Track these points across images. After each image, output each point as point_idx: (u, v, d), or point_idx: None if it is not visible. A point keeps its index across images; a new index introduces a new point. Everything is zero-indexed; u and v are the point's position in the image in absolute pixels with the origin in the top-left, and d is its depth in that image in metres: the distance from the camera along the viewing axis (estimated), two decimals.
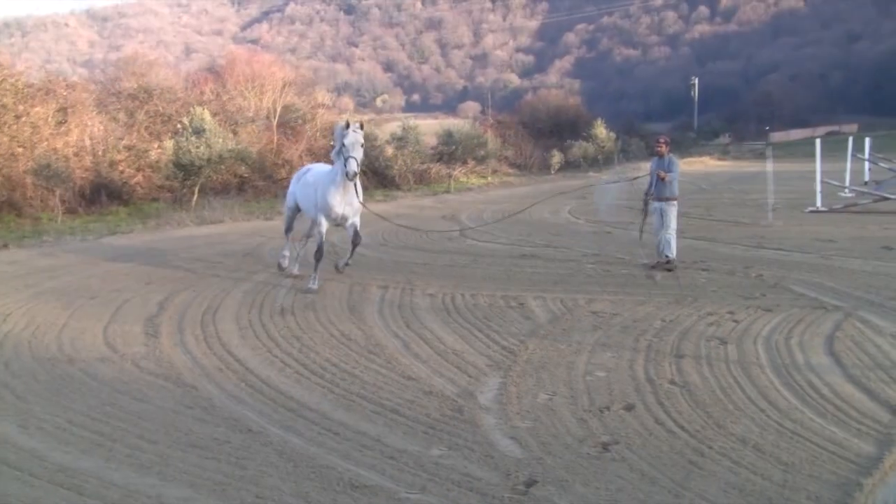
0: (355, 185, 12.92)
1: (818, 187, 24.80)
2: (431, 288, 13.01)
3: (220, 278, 14.40)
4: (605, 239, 18.89)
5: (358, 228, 13.54)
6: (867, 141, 34.97)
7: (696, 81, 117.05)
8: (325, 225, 13.19)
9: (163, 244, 19.52)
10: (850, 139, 33.08)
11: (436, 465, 6.06)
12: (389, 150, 39.76)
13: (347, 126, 12.62)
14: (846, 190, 28.37)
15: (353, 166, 12.33)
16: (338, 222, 13.35)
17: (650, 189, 15.02)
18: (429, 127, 49.30)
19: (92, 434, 6.83)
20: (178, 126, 29.27)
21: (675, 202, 14.76)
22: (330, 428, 6.89)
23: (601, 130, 58.53)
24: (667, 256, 14.55)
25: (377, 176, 37.61)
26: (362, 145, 12.70)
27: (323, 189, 13.04)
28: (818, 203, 24.63)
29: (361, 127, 12.87)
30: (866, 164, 33.82)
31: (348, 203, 13.03)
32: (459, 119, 68.80)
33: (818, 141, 26.77)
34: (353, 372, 8.53)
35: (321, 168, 14.12)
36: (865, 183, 31.32)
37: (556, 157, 52.68)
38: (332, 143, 13.39)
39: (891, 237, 18.08)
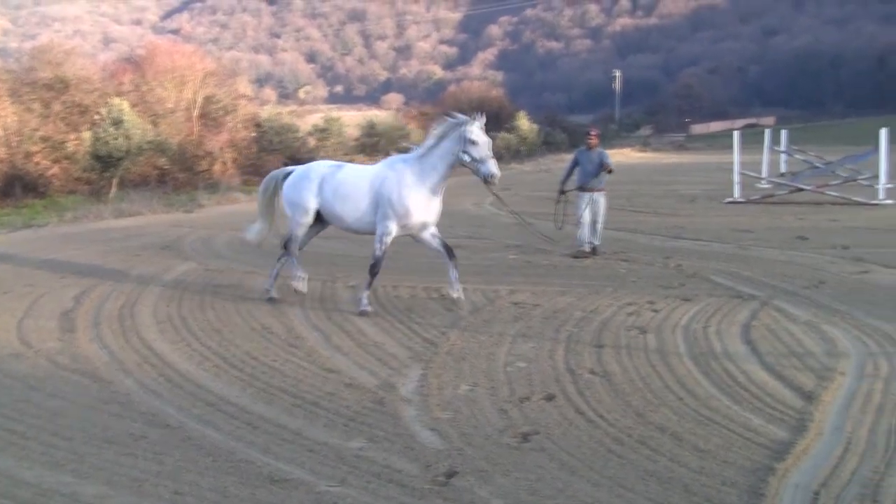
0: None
1: (736, 178, 25.22)
2: (353, 280, 12.95)
3: (139, 272, 14.19)
4: (528, 230, 18.94)
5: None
6: (784, 133, 35.63)
7: (618, 74, 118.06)
8: (392, 235, 11.05)
9: (80, 237, 19.18)
10: (768, 132, 33.68)
11: (356, 458, 6.03)
12: (312, 142, 39.57)
13: (465, 123, 10.69)
14: (763, 181, 28.87)
15: (495, 168, 10.50)
16: (409, 231, 11.19)
17: (566, 179, 15.25)
18: (352, 118, 49.22)
19: (4, 432, 6.67)
20: (96, 117, 28.71)
21: (604, 192, 15.03)
22: (249, 422, 6.83)
23: (524, 122, 58.83)
24: (592, 244, 14.79)
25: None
26: None
27: (403, 192, 10.78)
28: (736, 194, 25.04)
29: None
30: (783, 156, 34.49)
31: (433, 209, 11.08)
32: (383, 110, 68.72)
33: (736, 133, 27.22)
34: (273, 365, 8.46)
35: (358, 167, 12.03)
36: (782, 174, 31.94)
37: None
38: (430, 139, 10.99)
39: (806, 227, 18.46)
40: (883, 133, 24.25)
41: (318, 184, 11.32)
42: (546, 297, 11.41)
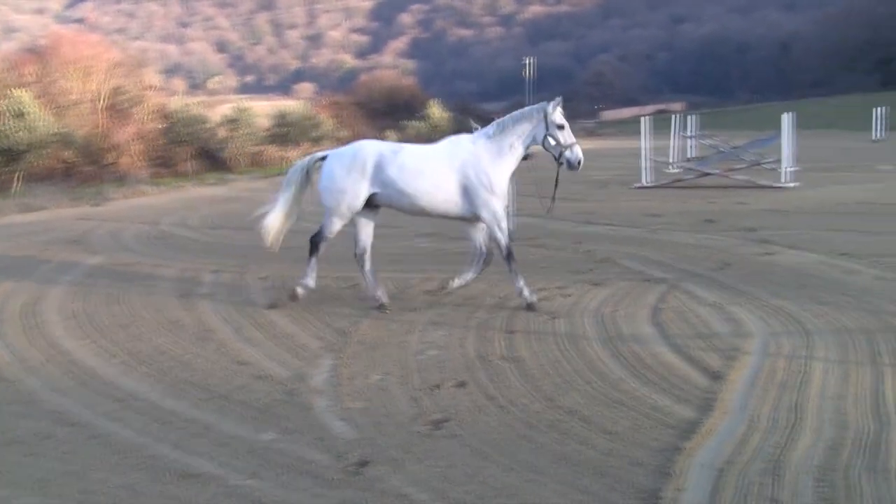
0: None
1: (644, 164, 25.55)
2: (265, 271, 12.87)
3: (45, 267, 13.93)
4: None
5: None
6: (691, 119, 36.21)
7: (530, 61, 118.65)
8: (504, 216, 10.40)
9: None
10: (676, 117, 34.21)
11: (267, 450, 5.99)
12: (222, 133, 39.14)
13: (549, 106, 10.30)
14: (672, 166, 29.30)
15: (581, 153, 10.30)
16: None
17: None
18: (263, 108, 48.76)
19: None
20: None
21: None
22: (159, 417, 6.74)
23: (436, 110, 58.96)
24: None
25: (209, 159, 37.02)
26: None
27: (494, 171, 10.27)
28: (645, 179, 25.37)
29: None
30: (691, 141, 35.05)
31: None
32: (295, 100, 68.16)
33: (644, 119, 27.56)
34: (183, 359, 8.37)
35: (416, 146, 11.21)
36: (690, 159, 32.42)
37: (392, 137, 52.81)
38: (506, 118, 10.51)
39: (713, 211, 18.78)
40: (785, 118, 24.77)
41: (373, 165, 10.30)
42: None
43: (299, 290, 10.66)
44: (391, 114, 61.16)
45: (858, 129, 56.40)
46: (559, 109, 10.32)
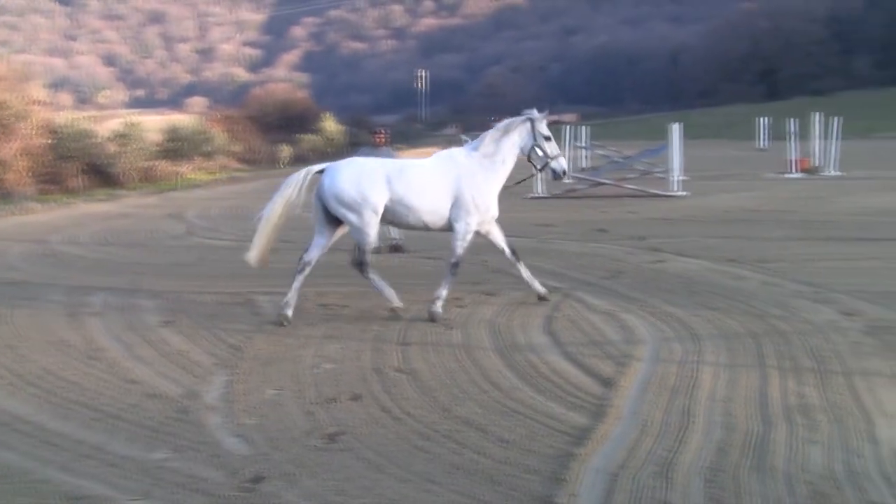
0: None
1: (538, 174, 25.77)
2: (157, 287, 12.64)
3: None
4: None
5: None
6: (584, 129, 36.72)
7: (423, 74, 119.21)
8: (473, 231, 10.64)
9: None
10: (568, 128, 34.67)
11: (159, 469, 5.87)
12: (112, 148, 38.41)
13: (535, 119, 10.65)
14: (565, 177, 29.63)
15: (565, 163, 10.83)
16: (481, 227, 10.84)
17: None
18: (154, 123, 48.01)
19: None
20: None
21: None
22: (47, 439, 6.55)
23: (330, 123, 58.95)
24: (396, 240, 15.05)
25: (99, 174, 36.26)
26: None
27: (483, 186, 10.49)
28: (539, 189, 25.63)
29: None
30: (584, 152, 35.56)
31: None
32: (186, 114, 67.32)
33: None
34: (72, 379, 8.15)
35: (410, 160, 11.46)
36: (583, 169, 32.90)
37: (286, 151, 52.64)
38: (494, 132, 10.70)
39: (605, 220, 19.09)
40: (675, 128, 25.32)
41: (384, 177, 10.16)
42: (354, 298, 11.43)
43: (397, 306, 10.39)
44: (285, 127, 60.78)
45: (744, 138, 57.89)
46: (544, 122, 10.67)
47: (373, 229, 10.25)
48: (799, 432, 6.10)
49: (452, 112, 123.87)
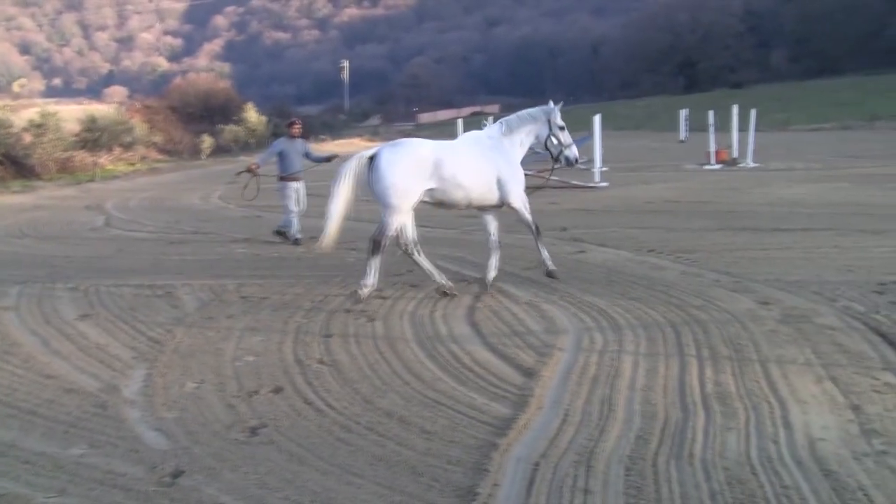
0: None
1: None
2: (74, 281, 12.42)
3: None
4: (256, 223, 18.81)
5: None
6: None
7: (346, 64, 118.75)
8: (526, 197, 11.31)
9: None
10: (491, 119, 34.75)
11: (76, 465, 5.77)
12: (28, 138, 37.66)
13: (553, 110, 11.38)
14: None
15: (577, 151, 11.56)
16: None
17: (266, 160, 16.12)
18: (72, 112, 47.22)
19: None
20: None
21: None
22: None
23: (252, 114, 58.50)
24: (296, 237, 15.23)
25: (14, 165, 35.53)
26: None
27: (517, 163, 11.29)
28: None
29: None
30: None
31: None
32: (105, 104, 66.26)
33: (460, 121, 27.92)
34: None
35: (449, 142, 11.51)
36: None
37: (207, 142, 52.17)
38: (514, 117, 11.49)
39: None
40: (596, 119, 25.54)
41: (433, 164, 10.43)
42: (275, 290, 11.34)
43: (364, 292, 10.52)
44: (207, 118, 60.26)
45: (665, 129, 58.58)
46: (559, 112, 11.43)
47: (406, 215, 10.61)
48: (716, 420, 6.19)
49: (376, 103, 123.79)
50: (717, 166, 31.51)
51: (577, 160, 11.51)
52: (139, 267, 13.54)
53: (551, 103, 11.51)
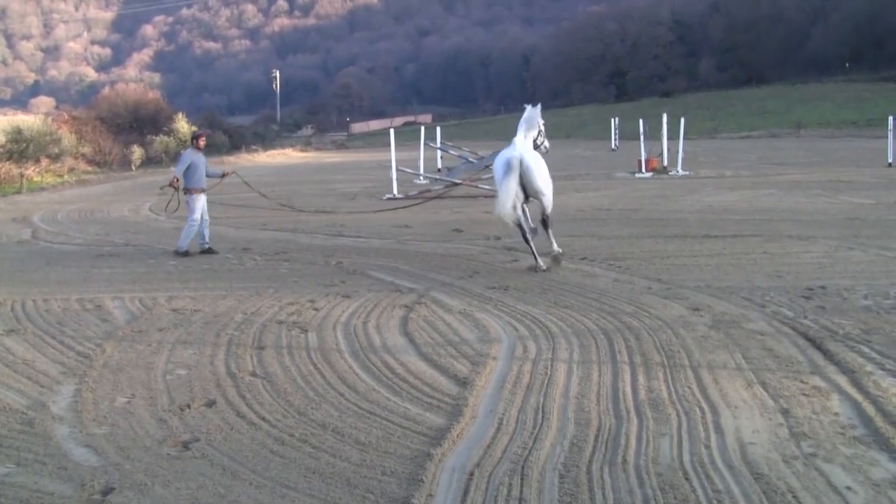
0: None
1: (394, 175, 25.86)
2: (0, 294, 12.18)
3: None
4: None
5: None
6: (438, 130, 36.92)
7: (278, 74, 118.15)
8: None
9: None
10: (423, 129, 34.83)
11: (2, 485, 5.62)
12: None
13: (538, 113, 14.08)
14: (420, 177, 29.77)
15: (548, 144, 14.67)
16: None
17: (183, 172, 15.53)
18: None
19: None
20: None
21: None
22: None
23: (183, 125, 57.87)
24: (207, 244, 15.16)
25: None
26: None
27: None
28: (394, 191, 25.67)
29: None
30: (438, 152, 35.73)
31: None
32: (32, 115, 65.22)
33: (392, 131, 27.92)
34: None
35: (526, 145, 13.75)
36: (438, 170, 33.06)
37: (137, 153, 51.52)
38: (524, 125, 13.85)
39: (460, 220, 19.24)
40: None
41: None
42: (206, 302, 11.21)
43: (541, 263, 12.79)
44: (137, 129, 59.59)
45: (596, 138, 59.09)
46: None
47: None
48: (649, 426, 6.24)
49: (308, 113, 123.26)
50: (648, 174, 31.86)
51: (546, 150, 14.19)
52: (68, 280, 13.32)
53: (539, 106, 14.14)
